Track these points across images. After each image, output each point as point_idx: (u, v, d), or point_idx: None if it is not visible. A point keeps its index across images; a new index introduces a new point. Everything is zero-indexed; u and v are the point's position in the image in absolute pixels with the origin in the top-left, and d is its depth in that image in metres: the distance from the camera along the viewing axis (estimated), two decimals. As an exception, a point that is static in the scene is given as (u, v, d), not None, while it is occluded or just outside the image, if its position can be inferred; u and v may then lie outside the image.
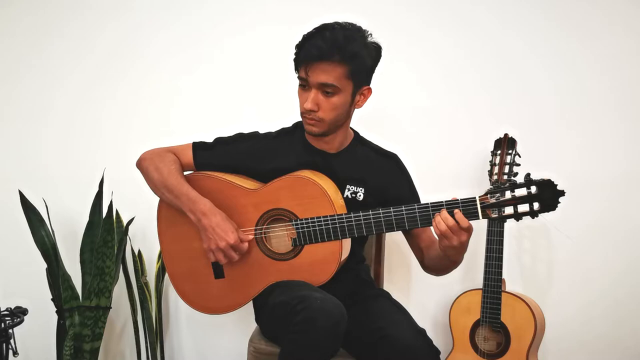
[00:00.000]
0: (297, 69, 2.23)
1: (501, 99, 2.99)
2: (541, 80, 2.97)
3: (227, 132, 2.46)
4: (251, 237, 2.25)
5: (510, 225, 2.81)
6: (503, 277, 2.74)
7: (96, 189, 2.92)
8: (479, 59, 3.00)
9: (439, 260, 2.25)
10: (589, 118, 2.94)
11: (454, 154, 3.02)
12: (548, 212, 1.99)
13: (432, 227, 2.08)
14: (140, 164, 2.39)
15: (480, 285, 2.76)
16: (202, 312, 2.41)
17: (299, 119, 2.36)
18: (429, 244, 2.34)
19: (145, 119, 3.22)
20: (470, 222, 2.05)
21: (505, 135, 2.78)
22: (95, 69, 3.24)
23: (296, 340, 1.97)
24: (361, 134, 2.47)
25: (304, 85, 2.21)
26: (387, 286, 2.76)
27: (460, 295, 2.82)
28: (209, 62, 3.17)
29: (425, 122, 3.05)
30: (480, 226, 2.71)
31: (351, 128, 2.42)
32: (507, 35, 2.98)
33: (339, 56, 2.12)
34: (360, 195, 2.33)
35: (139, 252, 3.07)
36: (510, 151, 2.73)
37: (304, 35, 2.20)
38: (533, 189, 1.98)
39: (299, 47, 2.21)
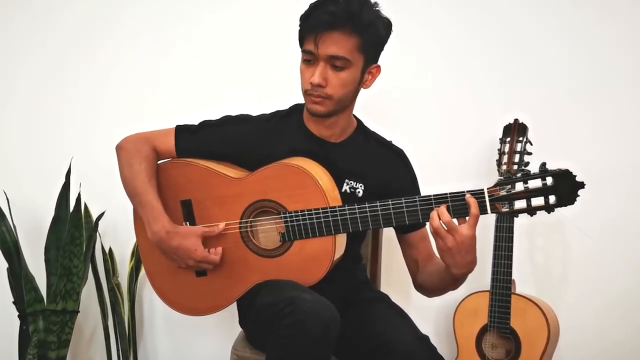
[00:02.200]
0: (302, 41, 2.20)
1: (510, 80, 2.97)
2: (555, 59, 2.94)
3: (211, 116, 2.41)
4: (222, 226, 2.24)
5: (521, 220, 2.72)
6: (513, 277, 2.72)
7: (62, 180, 2.90)
8: (486, 36, 2.98)
9: (439, 276, 2.21)
10: (608, 101, 2.93)
11: (458, 142, 3.01)
12: (565, 206, 1.94)
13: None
14: (117, 152, 2.36)
15: (488, 287, 2.74)
16: (182, 312, 2.40)
17: (294, 102, 2.33)
18: (426, 258, 2.31)
19: (117, 102, 3.19)
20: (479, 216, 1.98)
21: (515, 120, 2.75)
22: (61, 46, 3.20)
23: (283, 345, 1.94)
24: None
25: (310, 60, 2.17)
26: (384, 288, 2.73)
27: (466, 298, 2.79)
28: (189, 39, 3.15)
29: (425, 106, 3.03)
30: (488, 222, 2.70)
31: (354, 116, 2.39)
32: (517, 11, 2.97)
33: (352, 25, 2.10)
34: (359, 192, 2.31)
35: (110, 250, 3.05)
36: (520, 138, 2.71)
37: (311, 4, 2.18)
38: (549, 180, 1.93)
39: (305, 16, 2.18)
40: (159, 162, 2.35)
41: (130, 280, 3.04)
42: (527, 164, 2.68)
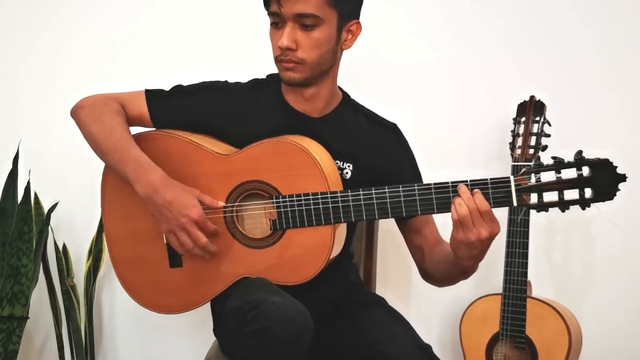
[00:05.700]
0: (267, 3, 2.17)
1: (526, 52, 2.98)
2: (577, 28, 2.96)
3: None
4: (221, 204, 2.18)
5: (537, 214, 2.75)
6: (528, 279, 2.71)
7: (9, 167, 2.87)
8: (497, 1, 2.99)
9: (446, 266, 2.19)
10: (635, 76, 2.94)
11: (467, 122, 3.01)
12: (603, 201, 1.91)
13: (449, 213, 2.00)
14: (76, 113, 2.30)
15: (499, 290, 2.74)
16: (151, 309, 2.35)
17: (274, 69, 2.31)
18: (433, 244, 2.29)
19: (74, 76, 3.15)
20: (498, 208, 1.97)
21: (532, 98, 2.74)
22: (9, 12, 3.19)
23: (248, 357, 1.94)
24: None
25: (277, 23, 2.16)
26: (380, 290, 2.70)
27: (475, 301, 2.80)
28: (155, 2, 3.17)
29: (429, 81, 3.03)
30: (500, 215, 2.64)
31: (340, 88, 2.36)
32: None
33: None
34: (347, 172, 2.28)
35: (64, 247, 3.02)
36: (537, 118, 2.71)
37: None
38: (585, 170, 1.90)
39: None
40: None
41: (87, 281, 3.01)
42: (545, 147, 2.68)
